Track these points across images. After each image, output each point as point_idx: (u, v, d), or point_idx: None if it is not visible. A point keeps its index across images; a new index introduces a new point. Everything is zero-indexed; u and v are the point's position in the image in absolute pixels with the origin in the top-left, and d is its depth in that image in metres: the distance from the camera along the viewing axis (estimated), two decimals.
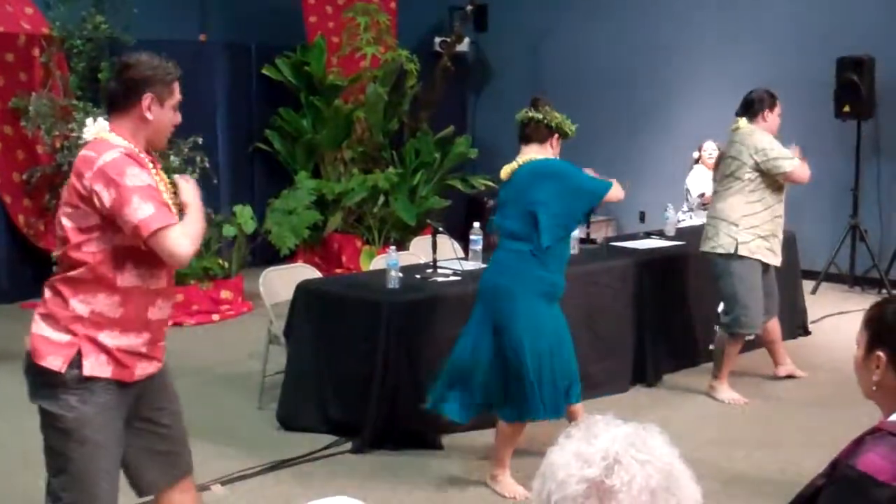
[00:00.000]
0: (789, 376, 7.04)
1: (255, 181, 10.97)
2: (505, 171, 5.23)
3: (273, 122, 10.88)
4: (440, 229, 6.51)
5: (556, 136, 5.18)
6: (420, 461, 5.57)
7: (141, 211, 3.24)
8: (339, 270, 10.21)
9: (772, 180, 6.45)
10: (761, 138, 6.46)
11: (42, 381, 3.35)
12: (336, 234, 10.58)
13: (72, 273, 3.34)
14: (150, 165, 3.46)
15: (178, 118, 3.53)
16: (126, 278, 3.36)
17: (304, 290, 6.02)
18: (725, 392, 6.62)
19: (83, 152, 3.39)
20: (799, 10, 10.12)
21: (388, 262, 5.94)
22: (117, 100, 3.45)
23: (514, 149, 5.28)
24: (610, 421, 1.67)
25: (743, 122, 6.59)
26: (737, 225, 6.46)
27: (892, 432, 2.47)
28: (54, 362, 3.32)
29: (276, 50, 10.89)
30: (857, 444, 2.51)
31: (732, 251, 6.45)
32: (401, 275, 5.92)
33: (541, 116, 5.12)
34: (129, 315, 3.37)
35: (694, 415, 6.33)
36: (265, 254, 9.73)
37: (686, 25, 10.89)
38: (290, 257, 10.02)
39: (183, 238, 3.31)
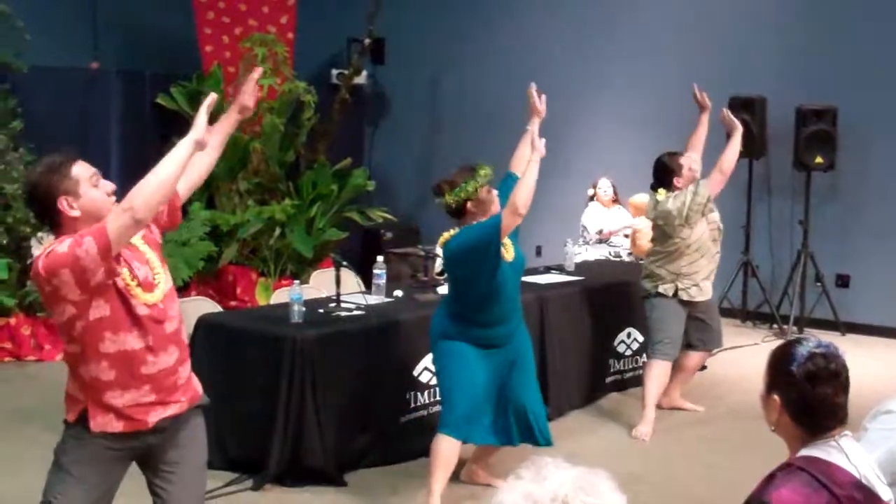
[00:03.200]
0: (674, 408, 7.17)
1: None
2: (440, 241, 5.36)
3: (167, 151, 10.65)
4: (344, 263, 6.45)
5: (469, 203, 5.17)
6: (323, 498, 5.49)
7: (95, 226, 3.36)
8: (233, 303, 10.04)
9: (693, 231, 6.65)
10: (673, 202, 6.66)
11: (64, 428, 3.62)
12: (231, 265, 10.40)
13: (69, 349, 3.52)
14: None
15: (107, 187, 3.51)
16: (107, 346, 3.45)
17: (205, 323, 5.90)
18: (643, 425, 6.69)
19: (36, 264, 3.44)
20: (692, 49, 10.34)
21: (291, 296, 5.85)
22: (47, 221, 3.51)
23: (411, 182, 5.33)
24: (559, 464, 1.66)
25: (662, 192, 6.74)
26: (676, 271, 6.73)
27: (801, 467, 2.52)
28: (70, 412, 3.57)
29: (171, 78, 10.71)
30: (769, 480, 2.56)
31: (654, 292, 6.76)
32: (304, 309, 5.84)
33: (450, 201, 5.18)
34: (120, 376, 3.47)
35: (597, 449, 6.35)
36: None
37: (583, 64, 11.04)
38: (184, 289, 9.83)
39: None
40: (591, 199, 9.64)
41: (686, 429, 6.85)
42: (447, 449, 5.17)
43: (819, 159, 9.39)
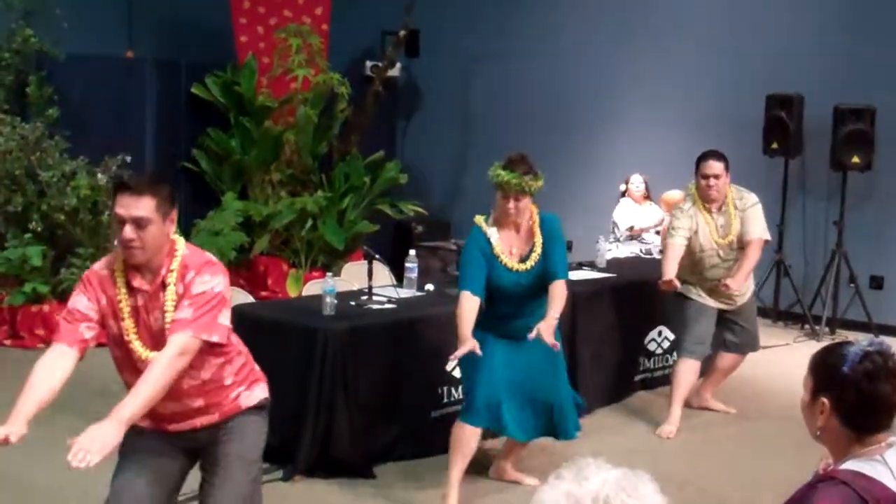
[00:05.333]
0: (703, 408, 7.13)
1: (181, 201, 10.77)
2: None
3: (201, 141, 10.72)
4: (376, 256, 6.45)
5: (522, 196, 5.17)
6: (352, 490, 5.50)
7: (60, 323, 3.59)
8: (264, 293, 10.08)
9: (692, 250, 6.59)
10: (676, 212, 6.68)
11: None
12: (262, 256, 10.45)
13: None
14: (122, 293, 3.54)
15: (122, 233, 3.45)
16: (124, 376, 3.62)
17: (238, 314, 5.85)
18: (669, 423, 6.65)
19: None
20: (729, 47, 10.28)
21: (324, 288, 5.86)
22: None
23: (443, 175, 5.34)
24: (601, 464, 1.65)
25: (692, 184, 6.70)
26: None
27: (845, 481, 2.47)
28: None
29: (206, 68, 10.74)
30: (809, 489, 2.51)
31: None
32: (336, 301, 5.85)
33: (538, 185, 5.21)
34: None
35: (624, 448, 6.31)
36: None
37: (618, 59, 11.00)
38: None
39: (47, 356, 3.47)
40: (623, 194, 9.58)
41: (715, 429, 6.82)
42: (465, 436, 5.18)
43: (856, 159, 9.32)
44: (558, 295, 5.15)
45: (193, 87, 10.65)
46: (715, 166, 6.52)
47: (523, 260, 5.18)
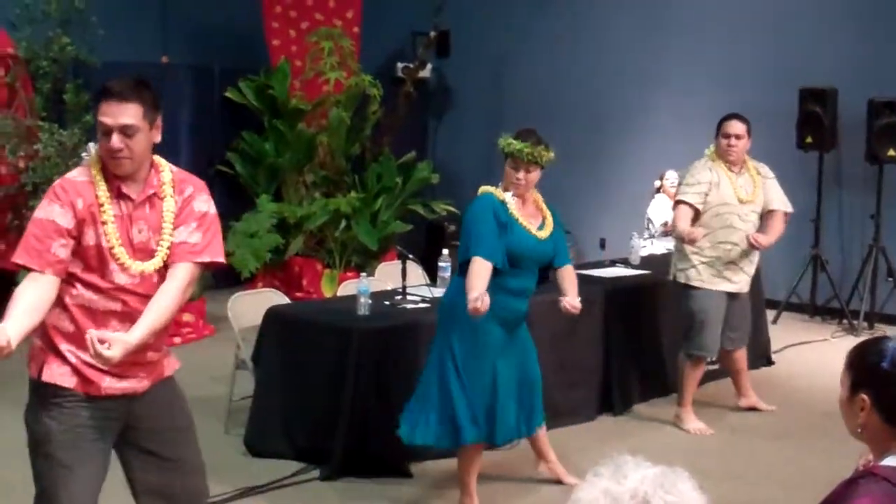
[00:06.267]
0: (752, 408, 7.05)
1: (216, 204, 10.83)
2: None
3: (236, 144, 10.81)
4: (410, 256, 6.47)
5: (507, 159, 5.12)
6: (389, 489, 5.53)
7: (22, 242, 3.29)
8: (299, 294, 10.13)
9: (708, 207, 6.45)
10: (691, 168, 6.56)
11: (29, 389, 3.42)
12: (297, 257, 10.51)
13: None
14: (104, 197, 3.33)
15: (109, 143, 3.28)
16: (75, 297, 3.32)
17: (273, 315, 5.97)
18: (691, 422, 6.62)
19: None
20: (762, 41, 10.22)
21: (358, 288, 5.89)
22: None
23: (474, 175, 5.28)
24: (639, 462, 1.66)
25: (710, 148, 6.62)
26: (680, 251, 6.57)
27: (886, 477, 2.44)
28: (32, 368, 3.39)
29: (240, 73, 10.84)
30: (849, 486, 2.48)
31: (672, 276, 6.61)
32: (370, 301, 5.88)
33: (550, 157, 5.11)
34: (79, 333, 3.28)
35: (661, 445, 6.31)
36: (226, 277, 9.59)
37: (650, 55, 10.95)
38: (251, 280, 9.93)
39: (23, 283, 3.25)
40: (658, 191, 9.54)
41: (753, 425, 6.79)
42: (477, 452, 5.14)
43: (891, 152, 9.23)
44: (573, 277, 5.23)
45: (227, 92, 10.75)
46: (737, 126, 6.48)
47: (539, 229, 5.13)
